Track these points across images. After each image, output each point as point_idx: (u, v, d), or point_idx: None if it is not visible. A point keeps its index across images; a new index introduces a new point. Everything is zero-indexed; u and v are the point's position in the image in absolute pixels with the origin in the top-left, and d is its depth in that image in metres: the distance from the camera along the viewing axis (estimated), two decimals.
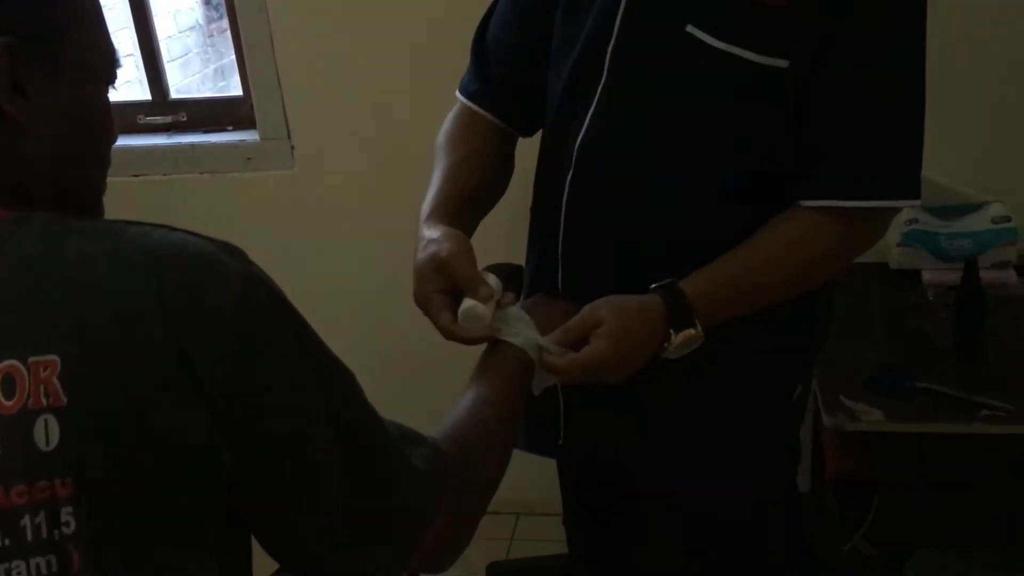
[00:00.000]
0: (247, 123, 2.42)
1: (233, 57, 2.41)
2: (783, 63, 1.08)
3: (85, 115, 0.80)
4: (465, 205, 1.23)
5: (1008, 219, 2.06)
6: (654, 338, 1.09)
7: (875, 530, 1.80)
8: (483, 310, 1.05)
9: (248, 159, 2.38)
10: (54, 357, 0.68)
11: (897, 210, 1.20)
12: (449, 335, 1.07)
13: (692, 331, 1.10)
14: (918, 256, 2.09)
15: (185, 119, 2.48)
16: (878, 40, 1.09)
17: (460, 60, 2.20)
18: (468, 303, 1.05)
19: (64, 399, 0.68)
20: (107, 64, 0.81)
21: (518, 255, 1.40)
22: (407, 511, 0.84)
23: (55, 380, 0.68)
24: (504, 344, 1.10)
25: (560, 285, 1.24)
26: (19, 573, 0.68)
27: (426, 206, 1.20)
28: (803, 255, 1.15)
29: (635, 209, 1.18)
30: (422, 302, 1.09)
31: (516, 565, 2.33)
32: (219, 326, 0.72)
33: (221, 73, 4.37)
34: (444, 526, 0.87)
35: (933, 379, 1.77)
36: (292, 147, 2.35)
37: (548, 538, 2.40)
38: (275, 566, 0.85)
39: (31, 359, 0.68)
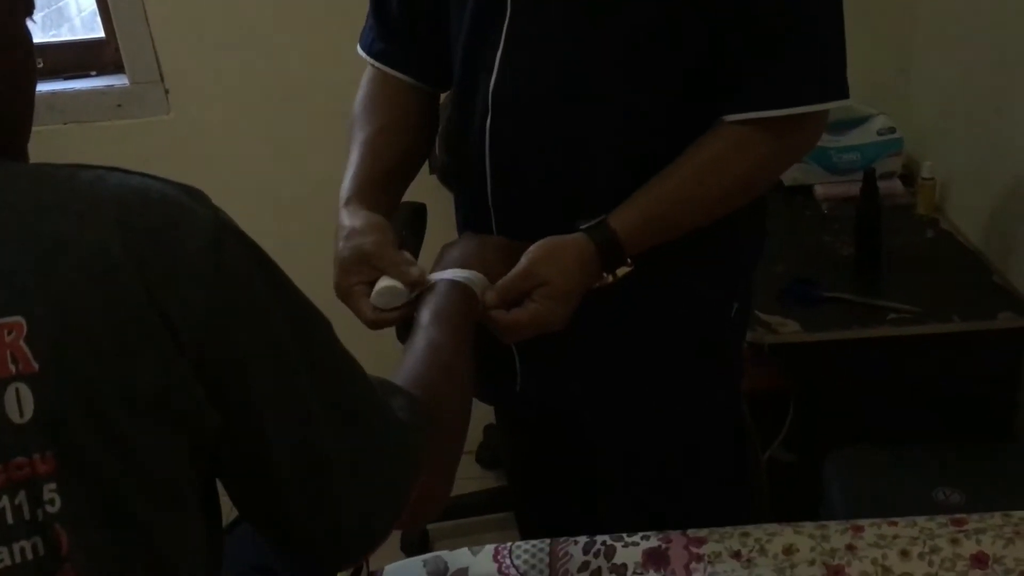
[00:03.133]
0: (112, 67, 2.26)
1: (62, 3, 2.23)
2: None
3: (6, 49, 0.71)
4: (386, 182, 1.18)
5: (893, 130, 2.14)
6: (591, 283, 1.10)
7: (790, 437, 1.87)
8: (403, 287, 1.03)
9: (118, 106, 2.22)
10: (19, 319, 0.61)
11: (825, 114, 1.17)
12: (374, 324, 1.05)
13: (625, 268, 1.11)
14: (810, 171, 2.16)
15: (41, 65, 2.27)
16: None
17: None
18: (387, 281, 1.03)
19: (35, 365, 0.61)
20: None
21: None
22: (395, 463, 0.80)
23: (22, 344, 0.61)
24: (445, 284, 1.06)
25: (495, 231, 1.21)
26: (1, 560, 0.61)
27: (344, 188, 1.15)
28: (731, 173, 1.13)
29: (562, 145, 1.14)
30: (343, 294, 1.07)
31: None
32: (196, 279, 0.66)
33: (51, 20, 4.07)
34: (428, 476, 0.83)
35: (839, 288, 1.84)
36: (166, 91, 2.21)
37: (460, 476, 2.38)
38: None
39: None
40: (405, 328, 1.15)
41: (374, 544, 0.80)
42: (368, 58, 1.27)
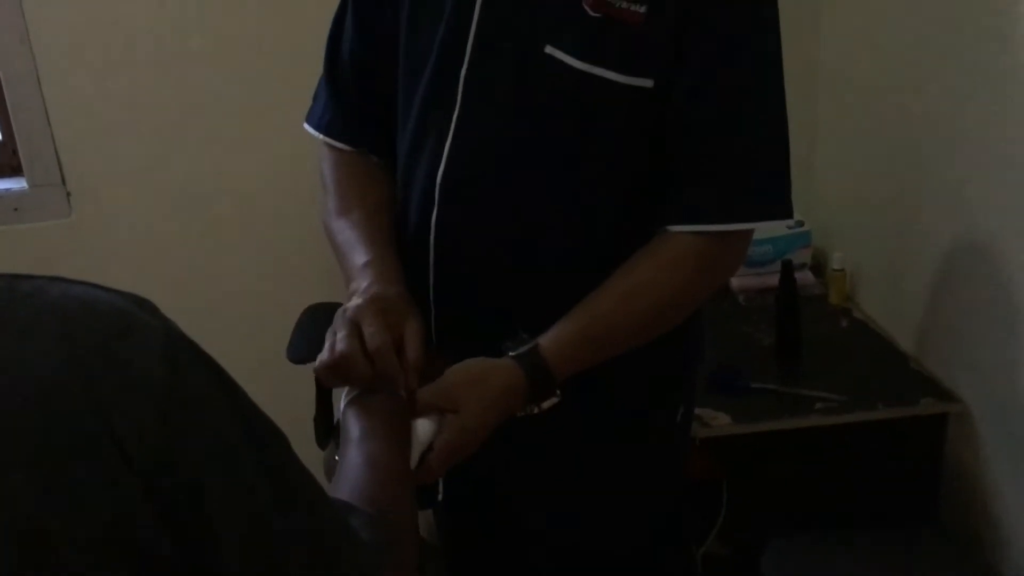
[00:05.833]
0: (9, 170, 2.16)
1: None
2: (648, 83, 1.05)
3: None
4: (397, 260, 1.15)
5: (801, 224, 2.21)
6: (513, 413, 1.04)
7: (725, 530, 1.85)
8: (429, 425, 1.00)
9: (15, 210, 2.11)
10: None
11: (750, 232, 1.13)
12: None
13: (553, 399, 1.05)
14: None
15: None
16: (733, 58, 1.06)
17: (255, 79, 2.08)
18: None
19: None
20: None
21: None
22: None
23: None
24: (373, 393, 1.01)
25: (434, 329, 1.16)
26: None
27: (357, 257, 1.11)
28: (661, 294, 1.09)
29: (508, 243, 1.12)
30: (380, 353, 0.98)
31: None
32: (148, 396, 0.61)
33: None
34: None
35: (764, 378, 1.85)
36: (68, 193, 2.12)
37: None
38: None
39: None
40: (324, 431, 1.08)
41: None
42: (329, 140, 1.23)
